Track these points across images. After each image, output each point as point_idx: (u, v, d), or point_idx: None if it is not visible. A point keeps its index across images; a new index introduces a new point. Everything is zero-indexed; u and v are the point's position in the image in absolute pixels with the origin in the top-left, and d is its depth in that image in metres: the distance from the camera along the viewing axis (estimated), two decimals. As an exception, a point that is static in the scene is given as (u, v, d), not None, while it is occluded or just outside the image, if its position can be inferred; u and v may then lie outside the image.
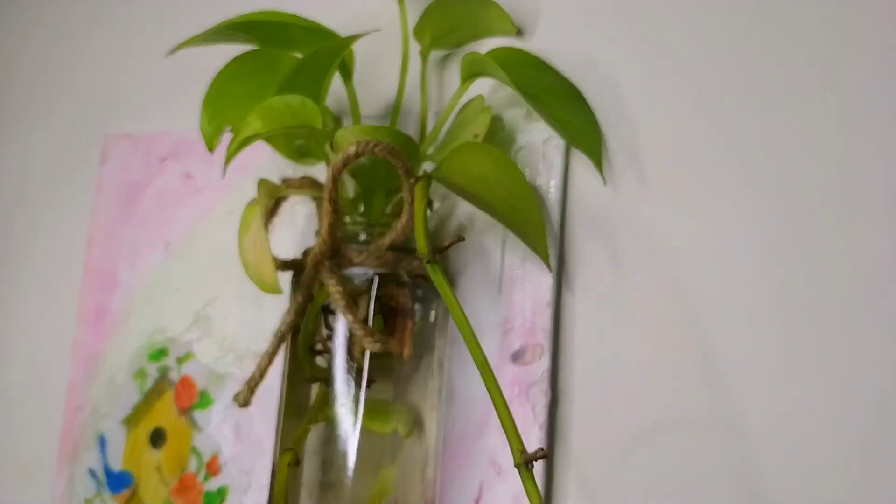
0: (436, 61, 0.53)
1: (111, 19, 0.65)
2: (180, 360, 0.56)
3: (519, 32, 0.51)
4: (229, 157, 0.41)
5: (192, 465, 0.54)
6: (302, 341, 0.45)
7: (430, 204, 0.43)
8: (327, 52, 0.42)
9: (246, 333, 0.54)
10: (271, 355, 0.44)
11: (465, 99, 0.49)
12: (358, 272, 0.44)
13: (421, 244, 0.39)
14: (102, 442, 0.57)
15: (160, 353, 0.57)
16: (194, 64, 0.61)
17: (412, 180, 0.42)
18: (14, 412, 0.61)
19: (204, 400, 0.55)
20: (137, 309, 0.58)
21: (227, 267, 0.56)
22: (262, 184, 0.43)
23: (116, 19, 0.64)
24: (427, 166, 0.50)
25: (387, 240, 0.44)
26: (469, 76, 0.48)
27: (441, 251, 0.39)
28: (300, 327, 0.45)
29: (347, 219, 0.45)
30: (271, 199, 0.44)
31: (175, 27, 0.62)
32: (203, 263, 0.57)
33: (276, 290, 0.42)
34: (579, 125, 0.47)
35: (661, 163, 0.46)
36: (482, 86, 0.49)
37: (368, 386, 0.44)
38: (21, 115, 0.67)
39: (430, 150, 0.49)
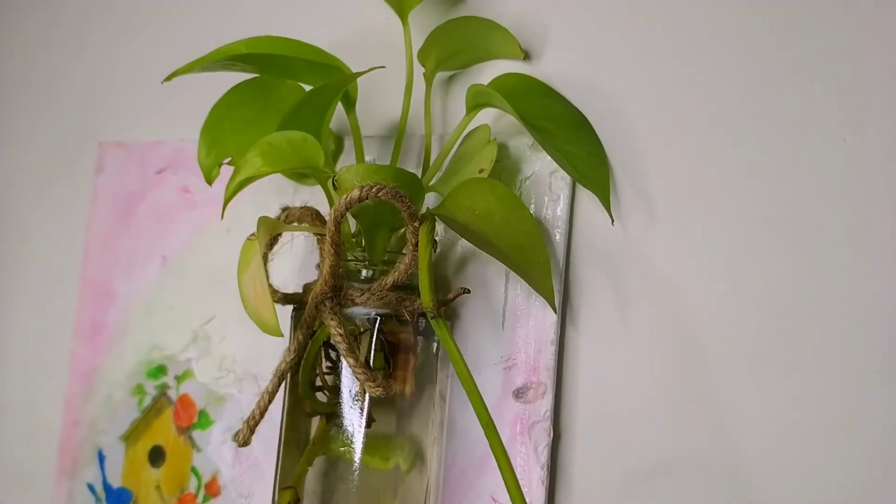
0: (440, 82, 0.52)
1: (103, 24, 0.63)
2: (179, 379, 0.56)
3: (526, 56, 0.49)
4: (228, 198, 0.40)
5: (192, 485, 0.54)
6: (302, 377, 0.45)
7: (434, 244, 0.42)
8: (329, 88, 0.41)
9: (245, 355, 0.54)
10: (272, 393, 0.44)
11: (470, 126, 0.48)
12: (360, 311, 0.44)
13: (426, 298, 0.38)
14: (101, 458, 0.57)
15: (158, 371, 0.56)
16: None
17: (416, 223, 0.41)
18: (11, 425, 0.61)
19: (203, 420, 0.54)
20: (134, 324, 0.58)
21: (224, 286, 0.55)
22: (262, 221, 0.42)
23: (108, 24, 0.63)
24: (430, 197, 0.49)
25: (389, 280, 0.43)
26: (474, 107, 0.46)
27: (445, 304, 0.38)
28: (301, 363, 0.45)
29: (349, 255, 0.45)
30: (271, 236, 0.43)
31: (168, 33, 0.61)
32: (200, 281, 0.56)
33: (276, 332, 0.41)
34: (586, 158, 0.46)
35: (671, 199, 0.45)
36: (488, 112, 0.48)
37: (369, 426, 0.44)
38: (12, 119, 0.65)
39: (434, 181, 0.48)
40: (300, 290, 0.46)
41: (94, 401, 0.58)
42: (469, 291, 0.42)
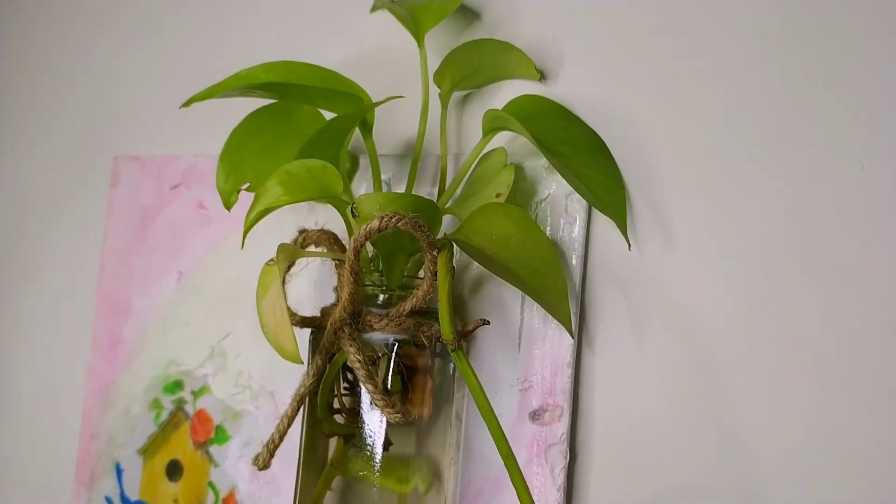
0: (456, 101, 0.52)
1: (117, 37, 0.63)
2: (195, 394, 0.56)
3: (542, 77, 0.49)
4: (248, 228, 0.40)
5: (210, 500, 0.55)
6: (321, 400, 0.45)
7: (452, 270, 0.42)
8: (348, 118, 0.41)
9: (261, 371, 0.54)
10: (291, 418, 0.44)
11: (487, 148, 0.48)
12: (378, 337, 0.44)
13: (446, 330, 0.38)
14: (119, 471, 0.58)
15: (175, 386, 0.57)
16: (200, 85, 0.60)
17: (435, 252, 0.41)
18: (29, 437, 0.62)
19: (220, 435, 0.55)
20: (151, 339, 0.58)
21: (240, 302, 0.55)
22: (282, 249, 0.42)
23: (122, 38, 0.63)
24: (447, 219, 0.49)
25: (407, 306, 0.43)
26: (490, 130, 0.46)
27: (465, 335, 0.39)
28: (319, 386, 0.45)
29: (366, 279, 0.45)
30: (289, 263, 0.43)
31: (184, 47, 0.61)
32: (216, 297, 0.56)
33: (296, 360, 0.41)
34: (603, 181, 0.46)
35: (688, 223, 0.46)
36: (504, 133, 0.48)
37: (386, 449, 0.44)
38: (27, 133, 0.65)
39: (450, 203, 0.48)
40: (317, 314, 0.47)
41: (112, 414, 0.59)
42: (488, 322, 0.42)
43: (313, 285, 0.52)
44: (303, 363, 0.43)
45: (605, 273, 0.47)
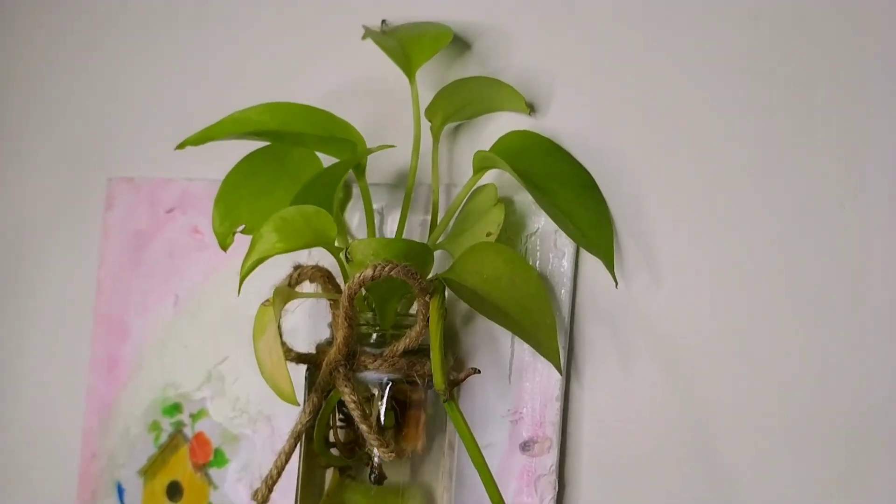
0: (447, 132, 0.52)
1: (110, 58, 0.63)
2: (194, 417, 0.57)
3: (532, 110, 0.50)
4: (243, 277, 0.41)
5: (209, 521, 0.56)
6: (317, 435, 0.46)
7: (443, 314, 0.43)
8: (341, 166, 0.42)
9: (258, 396, 0.55)
10: (288, 454, 0.45)
11: (478, 183, 0.49)
12: (372, 376, 0.45)
13: (438, 380, 0.40)
14: (120, 490, 0.59)
15: (174, 409, 0.58)
16: (194, 107, 0.60)
17: (427, 297, 0.42)
18: (30, 456, 0.63)
19: (219, 458, 0.56)
20: (149, 362, 0.59)
21: (236, 328, 0.56)
22: (278, 292, 0.43)
23: (115, 58, 0.63)
24: (438, 254, 0.50)
25: (400, 346, 0.44)
26: (480, 169, 0.47)
27: (456, 384, 0.40)
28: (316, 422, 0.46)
29: (360, 318, 0.46)
30: (285, 304, 0.44)
31: (178, 69, 0.61)
32: (213, 322, 0.57)
33: (292, 401, 0.42)
34: (590, 218, 0.47)
35: (675, 259, 0.47)
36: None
37: (380, 483, 0.46)
38: (21, 152, 0.66)
39: (442, 238, 0.49)
40: (312, 348, 0.48)
41: (112, 435, 0.60)
42: (479, 372, 0.43)
43: (308, 316, 0.53)
44: (299, 405, 0.44)
45: (593, 306, 0.48)
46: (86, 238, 0.62)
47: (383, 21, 0.53)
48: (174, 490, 0.57)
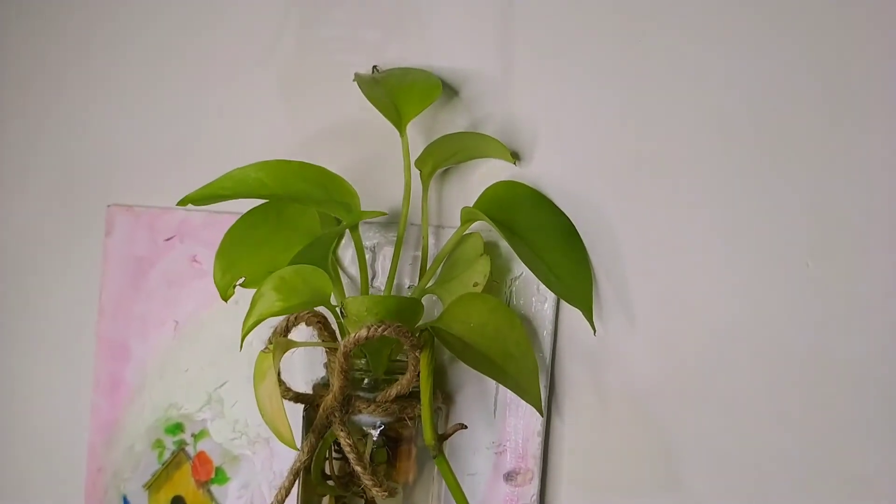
0: (437, 175, 0.55)
1: (109, 85, 0.64)
2: (196, 437, 0.61)
3: (517, 160, 0.52)
4: (245, 335, 0.44)
5: (212, 534, 0.60)
6: (314, 470, 0.50)
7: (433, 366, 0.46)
8: (335, 233, 0.44)
9: (257, 419, 0.58)
10: (287, 490, 0.49)
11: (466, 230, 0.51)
12: (366, 419, 0.48)
13: (428, 436, 0.43)
14: (126, 503, 0.63)
15: (176, 428, 0.61)
16: (192, 135, 0.62)
17: (417, 353, 0.45)
18: (37, 470, 0.66)
19: (220, 476, 0.60)
20: (151, 383, 0.62)
21: (235, 354, 0.59)
22: (277, 343, 0.46)
23: (114, 85, 0.64)
24: (426, 299, 0.53)
25: (392, 392, 0.47)
26: (467, 221, 0.50)
27: (445, 438, 0.43)
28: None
29: (355, 364, 0.49)
30: (284, 353, 0.47)
31: (176, 96, 0.63)
32: (212, 347, 0.60)
33: (292, 446, 0.45)
34: (570, 267, 0.50)
35: (648, 303, 0.50)
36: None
37: (376, 516, 0.49)
38: (23, 176, 0.67)
39: (431, 282, 0.52)
40: (309, 388, 0.51)
41: (117, 451, 0.63)
42: (466, 427, 0.46)
43: (304, 351, 0.56)
44: (298, 450, 0.48)
45: (573, 347, 0.51)
46: (90, 262, 0.64)
47: (374, 67, 0.55)
48: (178, 505, 0.61)
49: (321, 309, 0.46)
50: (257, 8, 0.60)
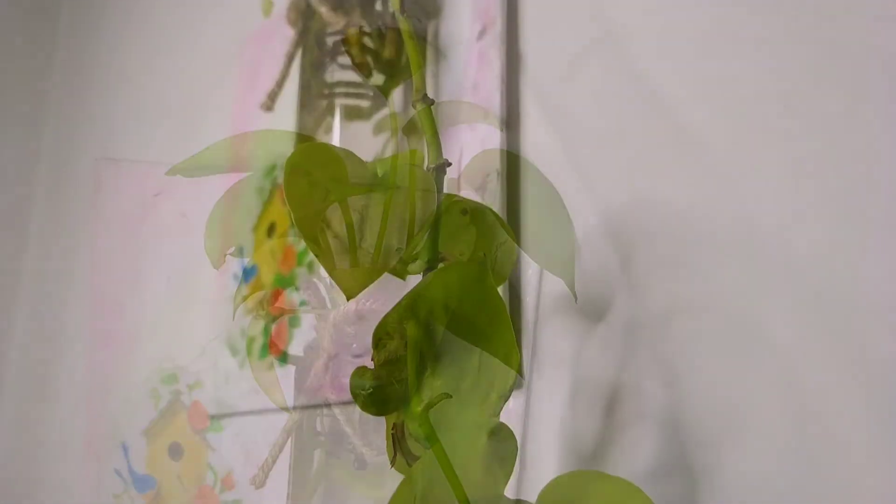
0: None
1: (96, 38, 0.63)
2: (190, 387, 0.63)
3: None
4: (237, 306, 0.45)
5: (209, 478, 0.63)
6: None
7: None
8: (326, 205, 0.45)
9: (248, 372, 0.61)
10: (281, 446, 0.51)
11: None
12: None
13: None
14: (125, 448, 0.65)
15: (171, 378, 0.63)
16: (174, 92, 0.62)
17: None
18: (37, 417, 0.69)
19: (215, 424, 0.62)
20: (146, 335, 0.64)
21: (226, 308, 0.61)
22: (268, 313, 0.47)
23: (102, 38, 0.63)
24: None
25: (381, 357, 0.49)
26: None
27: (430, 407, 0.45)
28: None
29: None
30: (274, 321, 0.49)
31: (163, 47, 0.62)
32: (203, 302, 0.62)
33: (285, 408, 0.48)
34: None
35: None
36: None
37: (363, 469, 0.52)
38: (20, 129, 0.67)
39: (417, 250, 0.53)
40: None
41: (114, 399, 0.65)
42: (450, 396, 0.48)
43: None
44: (291, 411, 0.50)
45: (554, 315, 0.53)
46: (81, 217, 0.65)
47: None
48: (176, 450, 0.64)
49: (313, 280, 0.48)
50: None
